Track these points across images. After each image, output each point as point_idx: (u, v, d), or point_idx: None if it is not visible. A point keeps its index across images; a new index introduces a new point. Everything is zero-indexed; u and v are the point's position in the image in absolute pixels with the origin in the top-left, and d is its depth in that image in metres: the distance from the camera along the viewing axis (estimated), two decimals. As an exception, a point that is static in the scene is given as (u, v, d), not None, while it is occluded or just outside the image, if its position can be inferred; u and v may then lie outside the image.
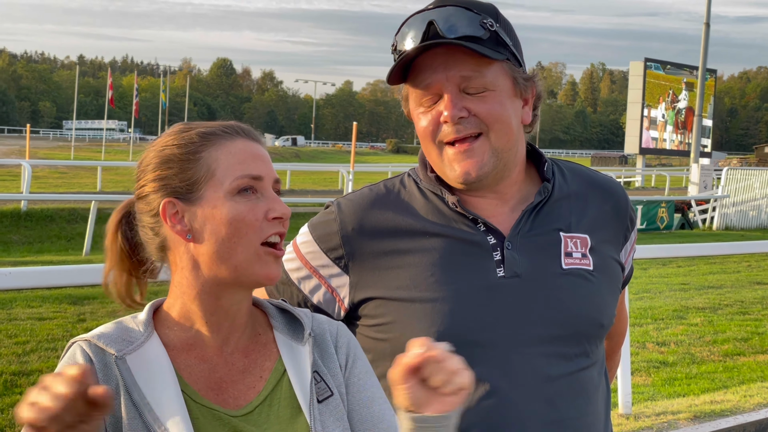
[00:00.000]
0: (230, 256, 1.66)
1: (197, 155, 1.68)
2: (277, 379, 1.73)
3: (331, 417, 1.70)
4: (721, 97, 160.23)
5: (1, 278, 4.16)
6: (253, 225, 1.65)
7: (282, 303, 1.83)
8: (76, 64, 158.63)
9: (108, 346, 1.65)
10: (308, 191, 33.56)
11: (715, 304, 12.92)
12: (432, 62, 1.98)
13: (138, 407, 1.61)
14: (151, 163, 1.72)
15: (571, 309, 2.02)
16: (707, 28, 34.92)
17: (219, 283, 1.68)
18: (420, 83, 2.01)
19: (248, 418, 1.67)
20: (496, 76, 1.99)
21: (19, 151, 54.64)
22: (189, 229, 1.67)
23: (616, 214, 2.19)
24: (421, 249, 2.04)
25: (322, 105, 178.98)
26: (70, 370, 1.37)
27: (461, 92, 1.98)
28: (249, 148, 1.71)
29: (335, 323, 1.85)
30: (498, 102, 1.99)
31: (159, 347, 1.68)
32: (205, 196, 1.67)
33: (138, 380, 1.63)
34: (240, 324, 1.73)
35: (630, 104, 53.97)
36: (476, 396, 1.95)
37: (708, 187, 32.94)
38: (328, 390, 1.73)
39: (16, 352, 8.19)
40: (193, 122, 1.77)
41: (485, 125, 1.99)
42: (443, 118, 1.99)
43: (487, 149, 2.00)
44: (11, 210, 21.67)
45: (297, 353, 1.75)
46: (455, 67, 1.97)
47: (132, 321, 1.72)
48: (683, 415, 6.83)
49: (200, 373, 1.69)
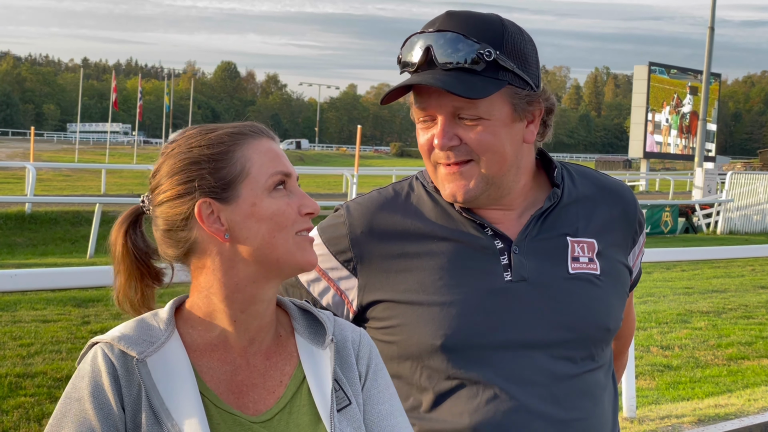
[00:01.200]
0: (272, 250, 1.67)
1: (229, 155, 1.69)
2: (297, 386, 1.72)
3: (350, 427, 1.70)
4: (725, 102, 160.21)
5: (5, 280, 4.17)
6: (291, 218, 1.68)
7: (305, 304, 1.83)
8: (80, 66, 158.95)
9: (129, 349, 1.63)
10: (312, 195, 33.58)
11: (719, 308, 12.91)
12: (428, 88, 1.99)
13: (157, 413, 1.60)
14: (177, 166, 1.70)
15: (578, 313, 2.03)
16: (712, 32, 34.90)
17: (256, 280, 1.69)
18: (417, 103, 2.03)
19: (268, 425, 1.67)
20: (491, 105, 1.97)
21: (23, 154, 54.76)
22: (227, 228, 1.67)
23: (624, 218, 2.20)
24: (429, 253, 2.05)
25: (326, 108, 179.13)
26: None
27: (455, 118, 1.98)
28: (273, 146, 1.74)
29: (358, 330, 1.85)
30: (491, 132, 1.98)
31: (179, 348, 1.67)
32: (242, 194, 1.67)
33: (158, 384, 1.62)
34: (267, 323, 1.74)
35: (634, 108, 54.02)
36: (483, 399, 1.96)
37: (712, 192, 32.91)
38: (346, 399, 1.73)
39: (20, 354, 8.20)
40: (212, 124, 1.77)
41: (476, 154, 1.99)
42: (435, 144, 2.00)
43: (476, 175, 2.00)
44: (16, 212, 21.71)
45: (317, 358, 1.75)
46: (448, 96, 1.96)
47: (153, 319, 1.71)
48: (687, 419, 6.82)
49: (222, 376, 1.69)
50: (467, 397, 1.97)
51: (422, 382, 2.02)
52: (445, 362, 1.99)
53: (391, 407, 1.78)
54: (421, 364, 2.02)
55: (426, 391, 2.02)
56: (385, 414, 1.76)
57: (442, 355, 1.98)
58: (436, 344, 1.98)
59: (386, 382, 1.81)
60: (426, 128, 2.03)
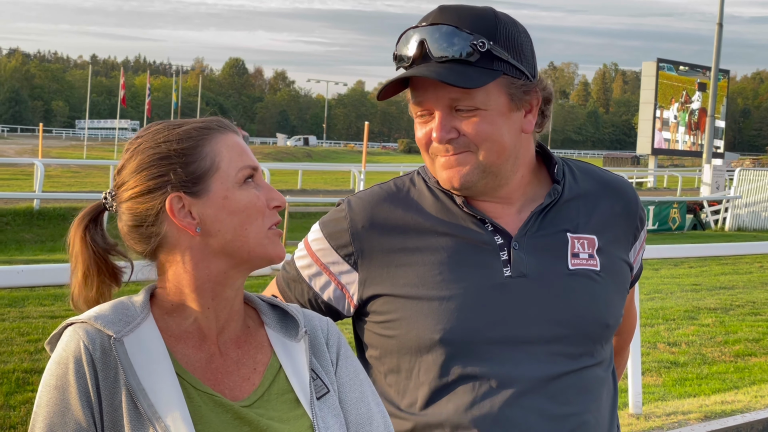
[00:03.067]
0: (244, 242, 1.70)
1: (198, 149, 1.70)
2: (273, 375, 1.74)
3: (330, 413, 1.73)
4: (734, 98, 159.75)
5: (13, 276, 4.19)
6: (262, 210, 1.71)
7: (273, 299, 1.85)
8: (88, 63, 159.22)
9: (106, 328, 1.63)
10: (320, 191, 33.59)
11: (726, 304, 12.89)
12: (423, 82, 2.00)
13: (133, 393, 1.60)
14: (146, 162, 1.71)
15: (577, 309, 2.03)
16: (720, 28, 34.82)
17: (226, 270, 1.71)
18: (414, 97, 2.04)
19: (250, 409, 1.68)
20: (487, 95, 1.98)
21: (32, 151, 54.86)
22: (198, 222, 1.68)
23: (625, 214, 2.20)
24: (430, 247, 2.05)
25: (334, 105, 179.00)
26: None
27: (452, 111, 1.99)
28: (239, 141, 1.77)
29: (324, 319, 1.88)
30: (488, 122, 1.99)
31: (154, 331, 1.68)
32: (212, 188, 1.69)
33: (134, 364, 1.62)
34: (236, 310, 1.76)
35: (642, 105, 53.91)
36: (480, 393, 1.97)
37: (720, 188, 32.83)
38: (324, 387, 1.76)
39: (28, 350, 8.22)
40: (176, 119, 1.79)
41: (474, 145, 2.00)
42: (433, 138, 2.02)
43: (472, 162, 2.01)
44: (24, 209, 21.76)
45: (292, 350, 1.77)
46: (444, 88, 1.97)
47: (129, 301, 1.72)
48: (694, 416, 6.82)
49: (197, 363, 1.70)
50: (464, 392, 1.98)
51: (420, 376, 2.03)
52: (443, 357, 1.99)
53: (361, 394, 1.81)
54: (419, 359, 2.03)
55: (423, 385, 2.02)
56: (356, 401, 1.79)
57: (441, 350, 1.99)
58: (434, 338, 1.99)
59: (355, 369, 1.85)
60: (424, 122, 2.05)
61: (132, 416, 1.59)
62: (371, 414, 1.79)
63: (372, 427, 1.78)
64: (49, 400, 1.61)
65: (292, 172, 39.74)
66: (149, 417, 1.58)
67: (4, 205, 21.90)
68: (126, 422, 1.59)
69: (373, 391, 1.85)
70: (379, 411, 1.82)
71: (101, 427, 1.60)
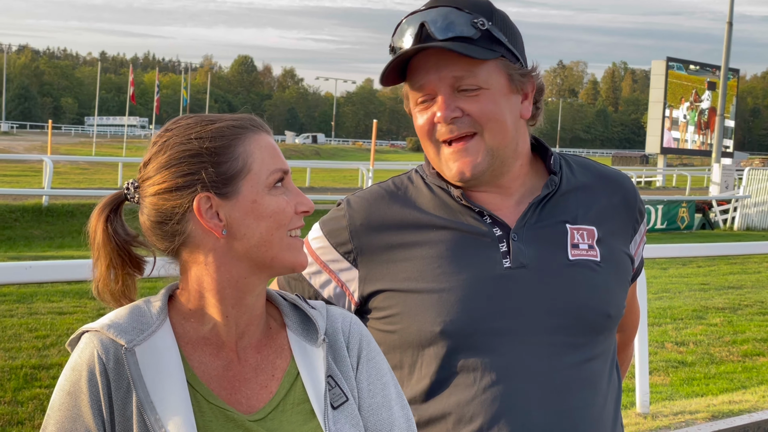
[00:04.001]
0: (268, 248, 1.65)
1: (231, 149, 1.65)
2: (291, 382, 1.70)
3: (347, 423, 1.68)
4: (743, 97, 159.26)
5: (22, 272, 4.19)
6: (289, 216, 1.66)
7: (296, 299, 1.79)
8: (98, 60, 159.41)
9: (119, 337, 1.61)
10: (328, 189, 33.62)
11: (735, 304, 12.86)
12: (425, 63, 2.01)
13: (141, 406, 1.57)
14: (175, 157, 1.65)
15: (578, 299, 2.03)
16: (730, 27, 34.74)
17: (248, 276, 1.66)
18: (414, 84, 2.04)
19: (262, 423, 1.64)
20: (489, 74, 2.00)
21: (41, 147, 54.95)
22: (225, 224, 1.63)
23: (624, 206, 2.21)
24: (428, 241, 2.06)
25: (342, 103, 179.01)
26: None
27: (455, 91, 2.00)
28: (271, 142, 1.71)
29: (348, 318, 1.83)
30: (491, 101, 2.01)
31: (170, 338, 1.64)
32: (242, 190, 1.63)
33: (144, 375, 1.59)
34: (257, 315, 1.71)
35: (651, 104, 53.78)
36: (482, 385, 1.97)
37: (729, 188, 32.75)
38: (343, 396, 1.70)
39: (36, 346, 8.24)
40: (210, 114, 1.72)
41: (479, 125, 2.01)
42: (437, 119, 2.02)
43: (482, 148, 2.03)
44: (33, 205, 21.80)
45: (311, 355, 1.72)
46: (447, 67, 1.99)
47: (145, 305, 1.68)
48: (701, 415, 6.80)
49: (214, 372, 1.66)
50: (465, 385, 1.98)
51: (422, 370, 2.03)
52: (445, 349, 2.00)
53: (384, 398, 1.75)
54: (420, 352, 2.03)
55: (425, 379, 2.02)
56: (377, 406, 1.73)
57: (442, 342, 1.99)
58: (435, 331, 1.99)
59: (379, 371, 1.78)
60: (424, 108, 2.05)
61: (141, 428, 1.57)
62: (393, 419, 1.73)
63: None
64: (61, 404, 1.60)
65: (300, 169, 39.74)
66: (155, 431, 1.56)
67: (13, 202, 21.96)
68: None
69: (398, 393, 1.79)
70: (403, 415, 1.76)
71: None
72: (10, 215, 20.96)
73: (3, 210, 21.03)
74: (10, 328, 8.92)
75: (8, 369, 7.48)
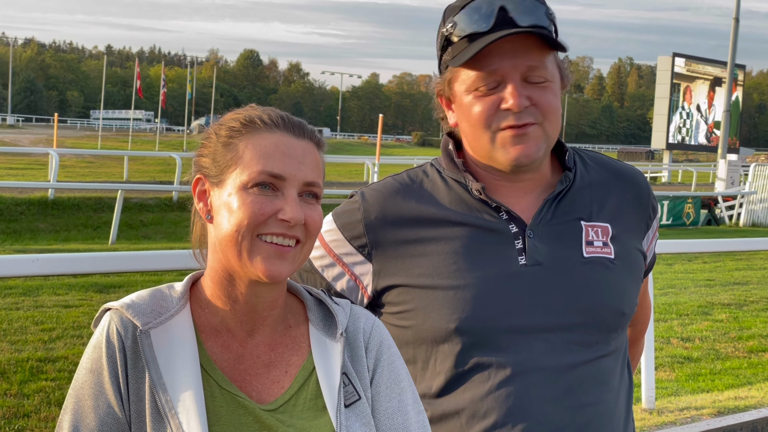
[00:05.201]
0: (234, 246, 1.63)
1: (233, 141, 1.67)
2: (305, 377, 1.71)
3: (358, 422, 1.68)
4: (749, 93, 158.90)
5: (28, 264, 4.19)
6: (256, 219, 1.62)
7: (321, 294, 1.80)
8: (104, 54, 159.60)
9: (136, 318, 1.64)
10: (333, 183, 33.61)
11: (740, 300, 12.84)
12: (500, 49, 1.98)
13: (153, 387, 1.60)
14: (201, 140, 1.75)
15: (592, 297, 2.03)
16: (736, 23, 34.65)
17: (232, 272, 1.67)
18: (484, 68, 2.00)
19: (273, 415, 1.65)
20: (553, 67, 2.03)
21: (46, 140, 55.01)
22: (210, 209, 1.68)
23: (638, 202, 2.20)
24: (444, 237, 2.05)
25: (348, 97, 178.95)
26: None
27: (523, 81, 1.99)
28: (285, 143, 1.67)
29: (372, 320, 1.82)
30: (554, 93, 2.02)
31: (188, 324, 1.67)
32: (227, 181, 1.66)
33: (159, 357, 1.62)
34: (264, 317, 1.71)
35: (657, 99, 53.66)
36: (496, 382, 1.96)
37: (735, 184, 32.71)
38: (356, 394, 1.71)
39: (42, 339, 8.26)
40: (249, 107, 1.74)
41: (541, 116, 2.01)
42: (507, 106, 1.98)
43: (541, 136, 2.02)
44: (39, 198, 21.83)
45: (329, 351, 1.73)
46: (525, 55, 1.98)
47: (168, 290, 1.71)
48: (707, 411, 6.80)
49: (225, 363, 1.68)
50: (480, 381, 1.98)
51: (436, 366, 2.03)
52: (459, 346, 1.99)
53: (400, 403, 1.75)
54: (434, 349, 2.02)
55: (439, 375, 2.02)
56: (393, 411, 1.73)
57: (456, 339, 1.99)
58: (450, 328, 1.99)
59: (397, 377, 1.78)
60: (484, 95, 2.01)
61: (153, 410, 1.60)
62: (408, 425, 1.73)
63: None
64: (84, 382, 1.63)
65: (305, 163, 39.66)
66: (166, 413, 1.58)
67: (19, 195, 21.98)
68: (148, 415, 1.60)
69: (415, 399, 1.79)
70: (418, 421, 1.76)
71: (128, 416, 1.61)
72: (16, 208, 20.99)
73: (9, 203, 21.06)
74: (16, 321, 8.94)
75: (14, 362, 7.49)
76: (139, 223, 21.43)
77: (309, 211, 1.67)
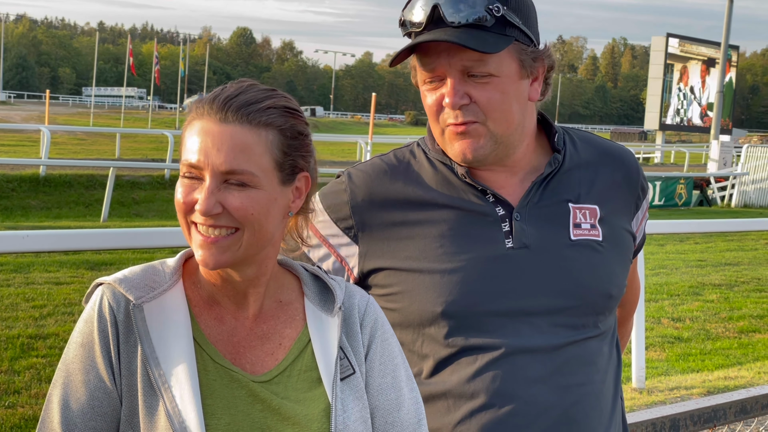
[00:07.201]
0: (184, 231, 1.66)
1: (185, 127, 1.67)
2: (300, 349, 1.71)
3: (352, 395, 1.69)
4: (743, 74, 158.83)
5: (19, 241, 4.17)
6: (182, 209, 1.63)
7: (317, 270, 1.81)
8: (96, 30, 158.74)
9: (128, 292, 1.64)
10: (326, 162, 33.58)
11: (731, 281, 12.89)
12: (437, 47, 1.96)
13: (146, 361, 1.60)
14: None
15: (580, 280, 2.02)
16: (731, 3, 34.61)
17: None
18: (425, 65, 2.00)
19: (266, 386, 1.66)
20: (500, 61, 1.96)
21: (38, 117, 54.78)
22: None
23: (627, 183, 2.19)
24: (430, 220, 2.04)
25: (341, 76, 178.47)
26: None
27: (465, 76, 1.96)
28: (206, 130, 1.61)
29: (366, 297, 1.83)
30: (500, 89, 1.97)
31: (180, 297, 1.68)
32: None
33: (151, 331, 1.63)
34: (248, 293, 1.70)
35: (651, 80, 53.61)
36: (483, 363, 1.96)
37: (727, 164, 32.74)
38: (350, 368, 1.71)
39: (33, 316, 8.26)
40: (235, 81, 1.70)
41: (483, 114, 1.97)
42: (444, 104, 1.98)
43: (484, 133, 1.99)
44: (30, 175, 21.78)
45: (325, 325, 1.73)
46: (458, 54, 1.94)
47: (160, 265, 1.71)
48: (696, 391, 6.83)
49: (219, 335, 1.68)
50: (467, 363, 1.97)
51: (423, 349, 2.02)
52: (446, 329, 1.99)
53: (394, 379, 1.76)
54: (421, 331, 2.02)
55: (427, 358, 2.02)
56: (386, 387, 1.75)
57: (443, 322, 1.99)
58: (436, 311, 1.98)
59: (391, 353, 1.78)
60: (433, 89, 2.01)
61: (145, 384, 1.60)
62: (401, 400, 1.75)
63: (400, 414, 1.74)
64: (74, 356, 1.63)
65: (298, 142, 39.60)
66: (159, 386, 1.59)
67: (10, 171, 21.93)
68: (140, 389, 1.60)
69: (408, 376, 1.80)
70: (412, 397, 1.77)
71: (120, 390, 1.61)
72: (7, 185, 20.95)
73: (0, 180, 21.00)
74: (7, 298, 8.94)
75: (5, 338, 7.49)
76: (131, 200, 21.40)
77: (230, 199, 1.59)
